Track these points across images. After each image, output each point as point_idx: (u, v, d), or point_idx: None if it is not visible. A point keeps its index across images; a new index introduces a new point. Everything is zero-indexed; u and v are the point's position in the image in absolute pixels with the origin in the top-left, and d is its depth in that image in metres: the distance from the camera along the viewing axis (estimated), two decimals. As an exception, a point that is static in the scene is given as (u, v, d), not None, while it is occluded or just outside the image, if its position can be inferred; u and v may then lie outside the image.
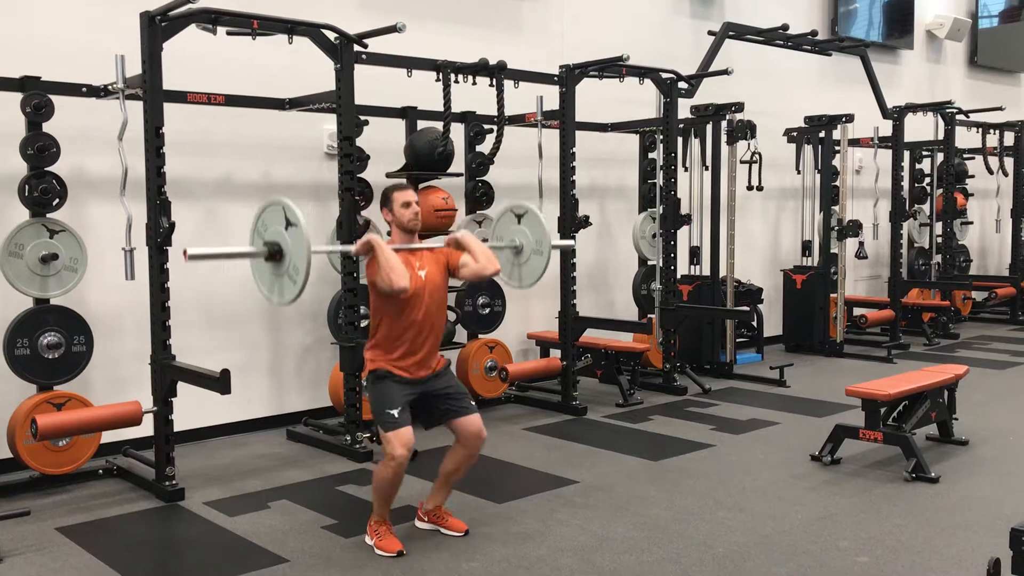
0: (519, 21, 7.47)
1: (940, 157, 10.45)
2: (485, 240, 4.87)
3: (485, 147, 6.54)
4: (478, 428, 3.98)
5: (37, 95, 4.81)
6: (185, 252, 3.87)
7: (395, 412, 3.80)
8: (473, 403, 4.05)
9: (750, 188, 8.27)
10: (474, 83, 6.12)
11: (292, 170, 6.22)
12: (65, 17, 5.28)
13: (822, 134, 8.86)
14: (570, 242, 6.03)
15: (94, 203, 5.36)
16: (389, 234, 4.12)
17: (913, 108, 9.45)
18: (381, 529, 3.96)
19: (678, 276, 7.45)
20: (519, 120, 6.71)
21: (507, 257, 5.11)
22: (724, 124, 7.83)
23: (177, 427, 4.79)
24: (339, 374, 5.54)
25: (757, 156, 8.15)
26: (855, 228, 8.74)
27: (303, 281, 3.90)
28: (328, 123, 6.16)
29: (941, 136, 10.13)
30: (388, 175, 6.21)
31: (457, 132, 6.40)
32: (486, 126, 6.53)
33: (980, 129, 10.54)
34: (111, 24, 5.17)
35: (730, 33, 8.17)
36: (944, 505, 4.46)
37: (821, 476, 4.96)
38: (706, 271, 8.04)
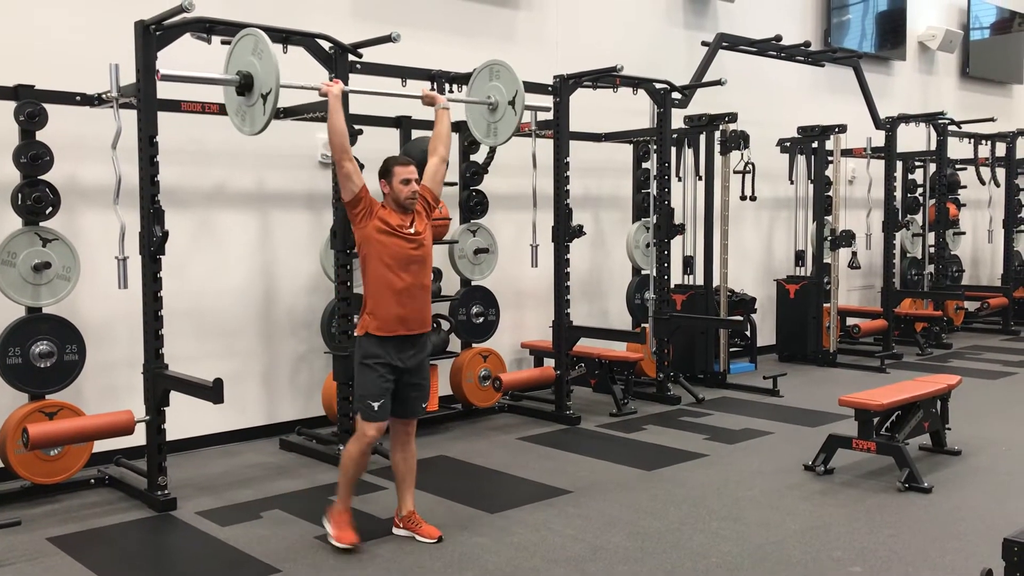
0: (513, 31, 7.49)
1: (932, 168, 10.50)
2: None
3: (479, 157, 6.55)
4: (412, 426, 4.18)
5: (31, 103, 4.80)
6: (158, 72, 4.27)
7: (375, 405, 3.95)
8: (422, 406, 4.20)
9: (743, 198, 8.30)
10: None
11: (286, 179, 6.22)
12: (60, 26, 5.28)
13: (815, 144, 8.89)
14: (546, 103, 6.07)
15: (87, 212, 5.35)
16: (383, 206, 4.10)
17: (905, 119, 9.50)
18: (341, 519, 4.06)
19: (672, 286, 7.47)
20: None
21: (482, 114, 5.15)
22: (717, 134, 7.85)
23: (169, 436, 4.78)
24: (332, 383, 5.53)
25: (750, 166, 8.18)
26: (848, 238, 8.76)
27: (272, 107, 4.22)
28: (322, 132, 6.15)
29: (933, 147, 10.18)
30: (382, 184, 6.21)
31: (451, 141, 6.39)
32: (480, 136, 6.53)
33: (972, 140, 10.59)
34: (105, 33, 5.17)
35: (723, 44, 8.21)
36: (937, 515, 4.47)
37: (814, 486, 4.96)
38: (700, 281, 8.05)
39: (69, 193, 5.14)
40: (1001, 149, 10.98)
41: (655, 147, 7.23)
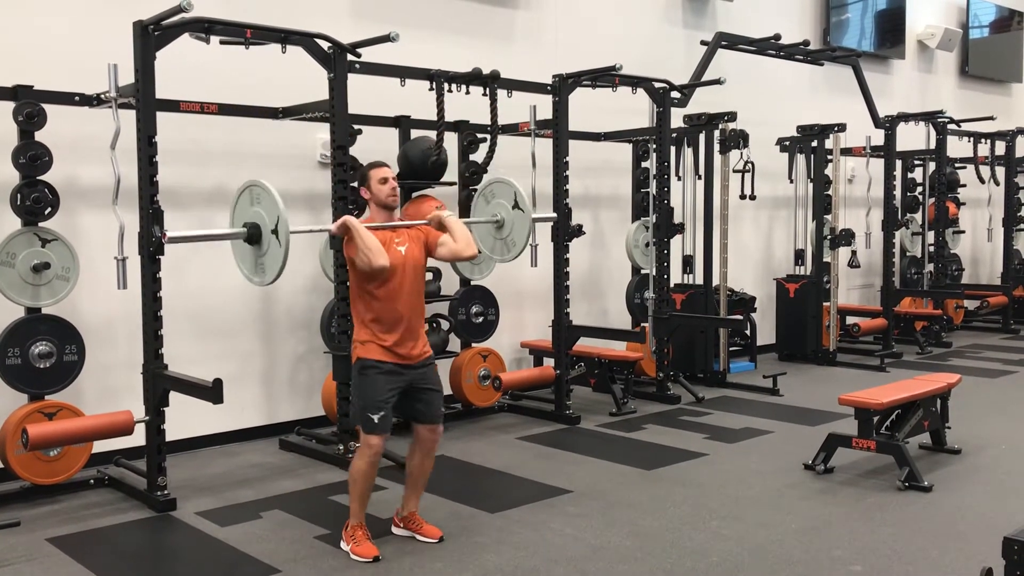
0: (512, 30, 7.48)
1: (932, 166, 10.50)
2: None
3: (478, 156, 6.54)
4: (437, 433, 4.10)
5: (29, 104, 4.79)
6: (164, 234, 4.11)
7: (375, 417, 3.88)
8: (442, 410, 4.14)
9: (743, 197, 8.30)
10: (467, 92, 6.13)
11: (285, 179, 6.20)
12: (58, 26, 5.28)
13: (814, 143, 8.89)
14: (552, 214, 6.01)
15: (86, 212, 5.35)
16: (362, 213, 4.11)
17: (905, 118, 9.49)
18: (357, 534, 3.98)
19: (671, 285, 7.46)
20: (512, 129, 6.72)
21: (490, 232, 5.12)
22: (717, 133, 7.84)
23: (169, 437, 4.78)
24: (332, 383, 5.53)
25: (750, 165, 8.18)
26: (847, 237, 8.76)
27: (283, 262, 4.07)
28: (321, 132, 6.16)
29: (933, 145, 10.19)
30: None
31: (451, 141, 6.40)
32: (479, 135, 6.54)
33: (971, 138, 10.59)
34: (104, 33, 5.16)
35: (722, 43, 8.21)
36: (937, 514, 4.47)
37: (814, 485, 4.96)
38: (699, 280, 8.05)
39: (68, 193, 5.13)
40: (1000, 148, 10.97)
41: (654, 146, 7.23)
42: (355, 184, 4.36)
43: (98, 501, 4.81)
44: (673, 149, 7.72)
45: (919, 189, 10.64)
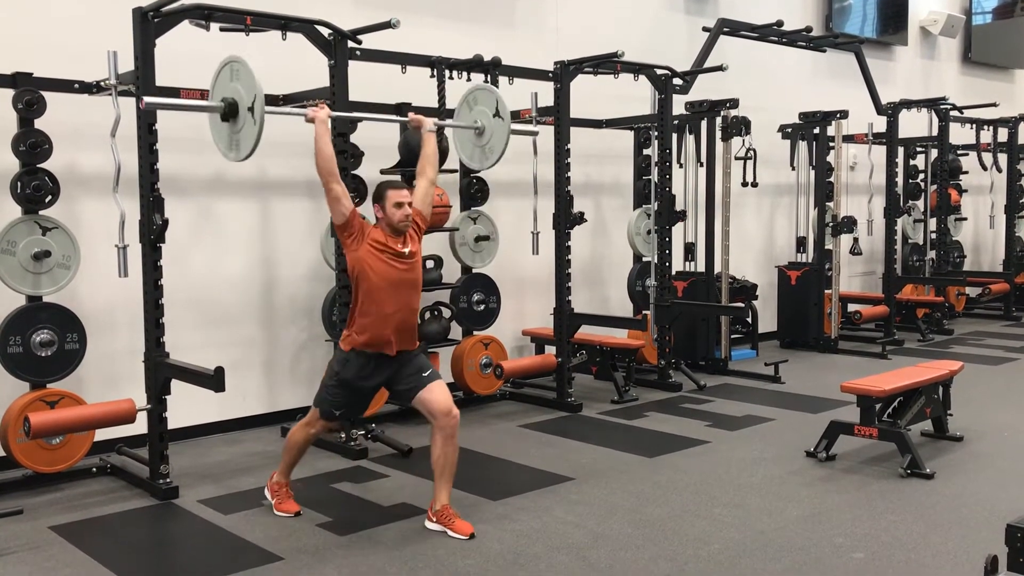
0: (513, 17, 7.45)
1: (934, 153, 10.48)
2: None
3: (480, 143, 6.51)
4: (446, 404, 4.09)
5: (29, 91, 4.77)
6: (141, 100, 4.20)
7: (336, 412, 4.18)
8: (433, 372, 4.16)
9: (745, 184, 8.28)
10: (468, 79, 6.10)
11: (286, 167, 6.20)
12: (57, 13, 5.25)
13: (816, 130, 8.87)
14: (534, 128, 5.95)
15: (87, 200, 5.34)
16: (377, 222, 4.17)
17: (907, 104, 9.46)
18: (282, 491, 4.30)
19: (673, 272, 7.45)
20: (514, 116, 6.67)
21: (470, 139, 5.13)
22: (719, 120, 7.82)
23: (171, 425, 4.78)
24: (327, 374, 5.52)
25: (752, 152, 8.16)
26: (849, 224, 8.75)
27: (256, 138, 4.18)
28: (322, 119, 6.13)
29: (935, 132, 10.16)
30: (383, 171, 6.19)
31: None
32: (481, 122, 6.51)
33: (974, 125, 10.56)
34: (103, 20, 5.14)
35: (725, 29, 8.17)
36: (939, 501, 4.47)
37: (816, 472, 4.96)
38: (701, 267, 8.04)
39: (68, 181, 5.12)
40: (1003, 134, 10.94)
41: (656, 133, 7.21)
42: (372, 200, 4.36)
43: (100, 489, 4.81)
44: (675, 136, 7.70)
45: (921, 176, 10.62)
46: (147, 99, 4.22)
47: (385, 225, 4.09)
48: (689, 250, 8.21)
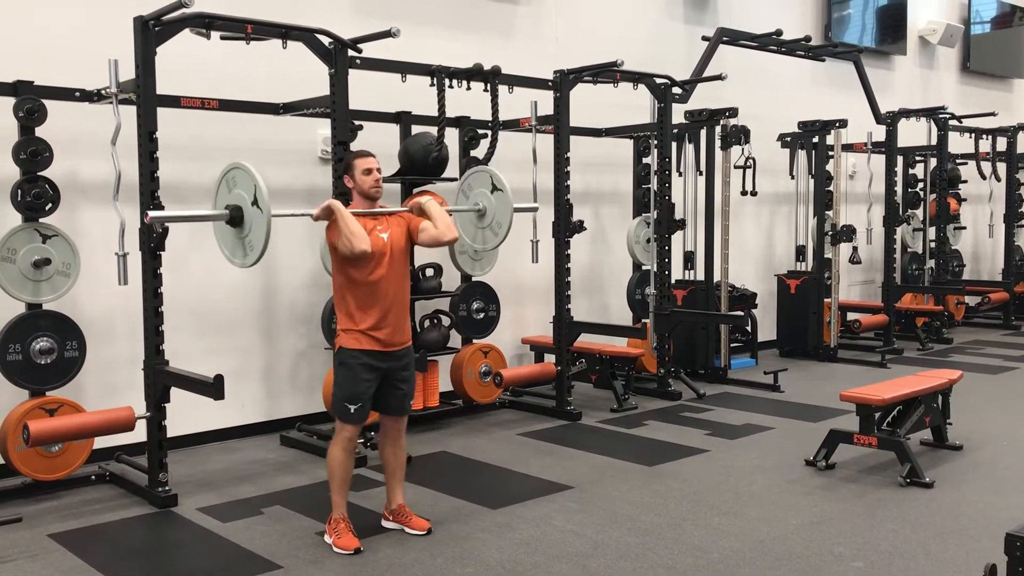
0: (513, 26, 7.47)
1: (933, 162, 10.48)
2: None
3: (479, 152, 6.53)
4: (402, 422, 4.19)
5: (30, 99, 4.79)
6: (146, 215, 4.10)
7: (352, 408, 3.97)
8: (410, 403, 4.21)
9: (744, 193, 8.29)
10: (468, 88, 6.12)
11: (286, 175, 6.21)
12: (58, 22, 5.27)
13: (816, 139, 8.87)
14: (534, 204, 5.90)
15: (87, 208, 5.34)
16: (350, 200, 4.14)
17: (906, 113, 9.48)
18: (340, 527, 4.03)
19: (672, 281, 7.45)
20: (513, 125, 6.71)
21: (471, 220, 5.08)
22: (718, 129, 7.83)
23: (170, 433, 4.78)
24: (333, 379, 5.52)
25: (751, 161, 8.17)
26: (849, 233, 8.76)
27: (263, 245, 4.02)
28: (322, 128, 6.15)
29: (934, 141, 10.16)
30: (384, 180, 6.19)
31: (451, 137, 6.40)
32: (480, 131, 6.53)
33: (973, 134, 10.57)
34: (104, 29, 5.16)
35: (724, 39, 8.19)
36: (939, 510, 4.46)
37: (815, 481, 4.96)
38: (700, 276, 8.04)
39: (69, 189, 5.13)
40: (1002, 144, 10.96)
41: (655, 142, 7.22)
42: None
43: (99, 497, 4.80)
44: (674, 145, 7.71)
45: (920, 185, 10.63)
46: (152, 213, 4.17)
47: (358, 197, 4.07)
48: (688, 259, 8.21)
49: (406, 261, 4.12)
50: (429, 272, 6.25)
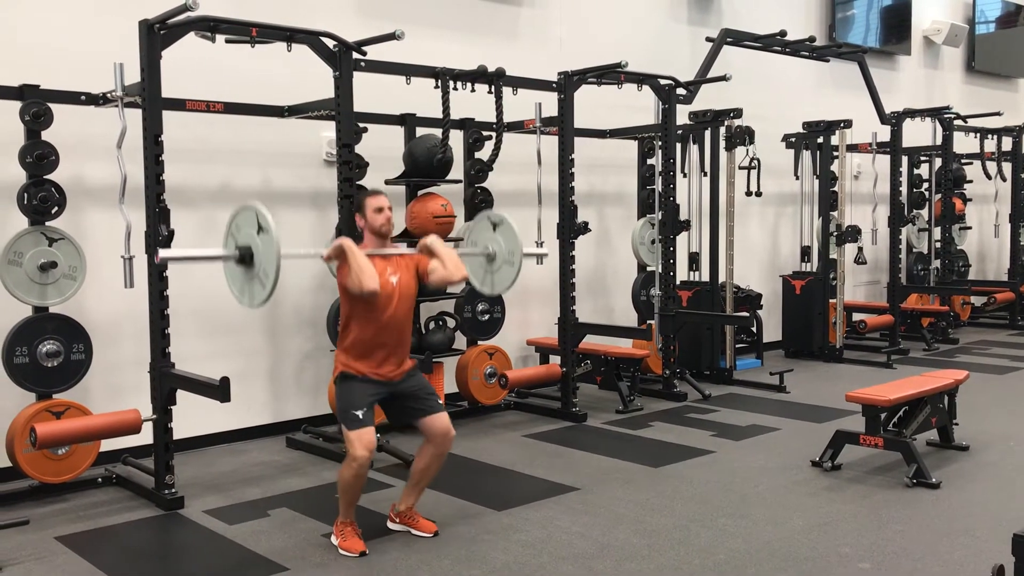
0: (517, 28, 7.48)
1: (938, 162, 10.46)
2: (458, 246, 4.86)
3: (484, 154, 6.54)
4: (446, 427, 4.07)
5: (36, 103, 4.80)
6: (157, 254, 4.00)
7: (359, 413, 3.92)
8: (440, 402, 4.15)
9: (749, 194, 8.28)
10: (473, 90, 6.12)
11: (291, 178, 6.22)
12: (64, 25, 5.28)
13: (820, 140, 8.87)
14: (543, 250, 5.84)
15: (93, 211, 5.36)
16: (362, 238, 4.15)
17: (911, 113, 9.47)
18: (346, 530, 4.03)
19: (677, 282, 7.45)
20: (518, 127, 6.72)
21: (480, 263, 5.06)
22: (723, 130, 7.83)
23: (176, 435, 4.79)
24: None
25: (756, 162, 8.16)
26: (854, 233, 8.75)
27: (272, 285, 3.93)
28: (327, 130, 6.16)
29: (939, 141, 10.14)
30: (387, 182, 6.21)
31: (456, 139, 6.40)
32: (485, 133, 6.54)
33: (978, 134, 10.56)
34: (110, 32, 5.17)
35: (728, 39, 8.19)
36: (945, 511, 4.46)
37: (822, 482, 4.95)
38: (705, 277, 8.04)
39: (75, 192, 5.14)
40: (1007, 143, 10.93)
41: (660, 143, 7.22)
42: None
43: (106, 499, 4.82)
44: (679, 146, 7.71)
45: (925, 185, 10.62)
46: (162, 253, 4.03)
47: (369, 235, 4.10)
48: (693, 260, 8.21)
49: (412, 303, 4.15)
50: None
